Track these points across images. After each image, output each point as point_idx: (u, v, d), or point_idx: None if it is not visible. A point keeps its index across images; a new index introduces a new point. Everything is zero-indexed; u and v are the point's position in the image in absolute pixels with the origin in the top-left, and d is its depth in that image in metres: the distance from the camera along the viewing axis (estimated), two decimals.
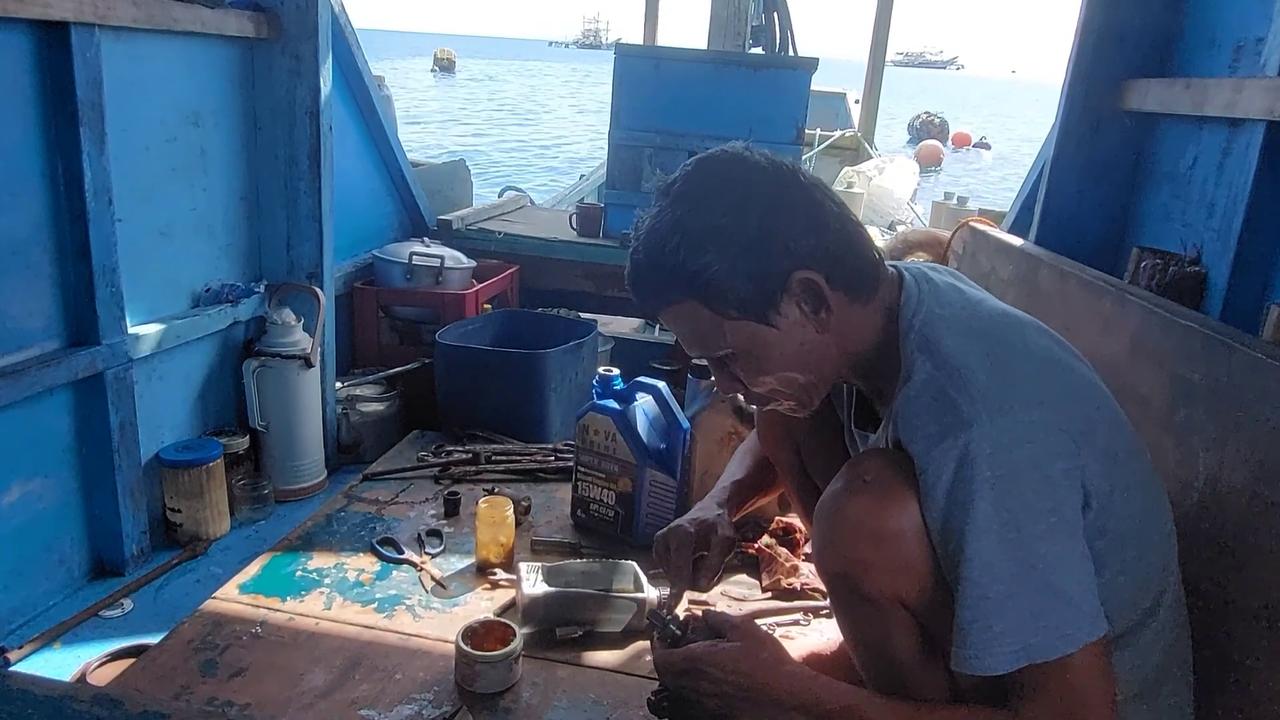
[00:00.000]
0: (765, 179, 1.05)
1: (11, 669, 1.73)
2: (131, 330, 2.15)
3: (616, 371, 2.13)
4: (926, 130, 24.20)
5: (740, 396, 1.21)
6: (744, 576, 1.90)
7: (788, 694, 1.11)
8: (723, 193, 1.04)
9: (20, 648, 1.83)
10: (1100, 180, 2.32)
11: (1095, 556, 0.98)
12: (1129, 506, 1.03)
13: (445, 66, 43.93)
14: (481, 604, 1.77)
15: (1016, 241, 2.36)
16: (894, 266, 1.14)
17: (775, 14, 4.72)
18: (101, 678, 1.68)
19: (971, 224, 2.67)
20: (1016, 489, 0.95)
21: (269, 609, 1.71)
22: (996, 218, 3.10)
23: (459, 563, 1.92)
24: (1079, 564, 0.96)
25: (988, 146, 25.60)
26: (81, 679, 1.69)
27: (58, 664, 1.82)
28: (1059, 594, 0.94)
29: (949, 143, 23.21)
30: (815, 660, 1.48)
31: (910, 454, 1.02)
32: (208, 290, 2.47)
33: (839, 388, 1.31)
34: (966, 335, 1.04)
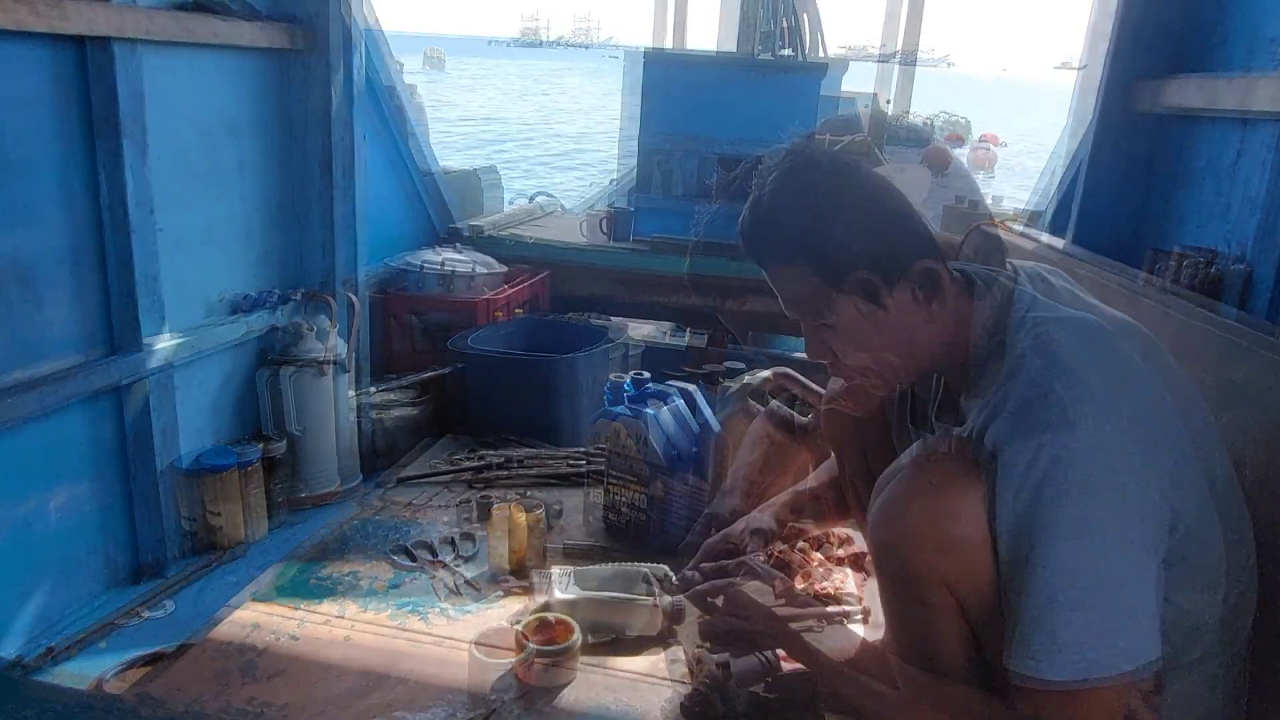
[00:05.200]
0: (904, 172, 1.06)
1: (46, 672, 1.75)
2: (169, 337, 2.18)
3: (628, 377, 2.11)
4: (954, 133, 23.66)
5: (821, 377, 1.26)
6: (758, 584, 1.87)
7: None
8: (864, 168, 1.05)
9: (53, 652, 1.84)
10: (1139, 179, 2.28)
11: (1168, 580, 0.95)
12: (1212, 536, 0.99)
13: (435, 64, 45.63)
14: (514, 607, 1.78)
15: (1029, 245, 2.33)
16: (1008, 266, 1.13)
17: (805, 16, 4.69)
18: (131, 681, 1.69)
19: (983, 227, 2.63)
20: (1108, 498, 0.91)
21: (303, 612, 1.72)
22: (1009, 220, 3.06)
23: (491, 566, 1.92)
24: (1153, 586, 0.92)
25: (1001, 145, 25.35)
26: (103, 683, 1.69)
27: (90, 668, 1.82)
28: (1129, 613, 0.91)
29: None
30: None
31: (996, 446, 0.99)
32: (244, 298, 2.51)
33: (926, 377, 1.28)
34: (1083, 338, 1.01)
